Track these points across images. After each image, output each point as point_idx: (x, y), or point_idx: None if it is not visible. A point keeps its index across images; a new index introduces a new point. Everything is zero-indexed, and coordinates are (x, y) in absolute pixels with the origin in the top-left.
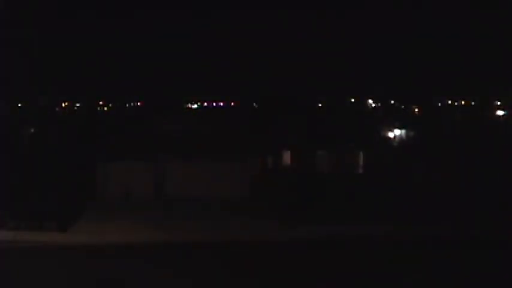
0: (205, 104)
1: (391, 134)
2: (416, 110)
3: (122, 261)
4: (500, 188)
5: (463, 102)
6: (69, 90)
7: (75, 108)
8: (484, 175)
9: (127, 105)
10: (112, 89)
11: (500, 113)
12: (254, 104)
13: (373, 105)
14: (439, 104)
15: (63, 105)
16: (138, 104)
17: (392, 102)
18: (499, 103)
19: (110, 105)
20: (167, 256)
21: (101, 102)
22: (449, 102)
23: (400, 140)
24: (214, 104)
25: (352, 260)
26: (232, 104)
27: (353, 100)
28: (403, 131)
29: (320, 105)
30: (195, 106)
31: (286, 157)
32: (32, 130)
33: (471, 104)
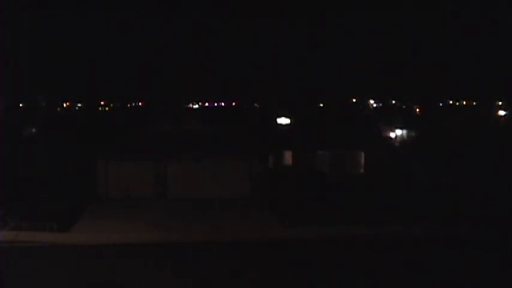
0: (207, 103)
1: (392, 134)
2: (417, 109)
3: (122, 261)
4: (502, 187)
5: (464, 102)
6: (70, 90)
7: (77, 108)
8: (486, 175)
9: (128, 105)
10: (113, 89)
11: (501, 112)
12: (255, 104)
13: (374, 105)
14: (441, 104)
15: (64, 105)
16: (139, 104)
17: (393, 102)
18: (500, 103)
19: (111, 105)
20: (167, 256)
21: (102, 102)
22: (451, 102)
23: (401, 139)
24: (215, 104)
25: (352, 259)
26: (234, 104)
27: (354, 100)
28: (404, 131)
29: (321, 105)
30: (196, 106)
31: (287, 157)
32: (33, 130)
33: (472, 104)
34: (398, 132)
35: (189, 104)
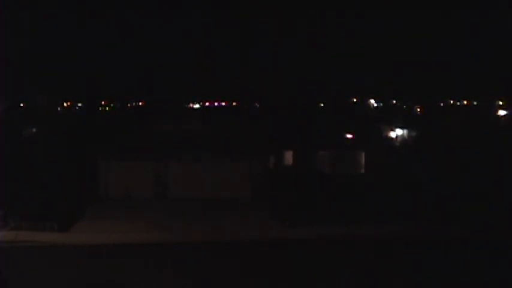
0: (207, 103)
1: (392, 134)
2: (418, 109)
3: (122, 261)
4: (502, 187)
5: (465, 102)
6: (70, 90)
7: (77, 108)
8: (486, 175)
9: (128, 105)
10: (113, 89)
11: (501, 112)
12: (256, 104)
13: (375, 105)
14: (441, 104)
15: (64, 105)
16: (140, 103)
17: (394, 102)
18: (500, 103)
19: (111, 105)
20: (167, 256)
21: (102, 102)
22: (451, 102)
23: (401, 139)
24: (216, 104)
25: (352, 259)
26: (234, 103)
27: (355, 100)
28: (405, 131)
29: (322, 105)
30: (197, 106)
31: (288, 157)
32: (34, 130)
33: (473, 104)
34: (399, 132)
35: (189, 104)
